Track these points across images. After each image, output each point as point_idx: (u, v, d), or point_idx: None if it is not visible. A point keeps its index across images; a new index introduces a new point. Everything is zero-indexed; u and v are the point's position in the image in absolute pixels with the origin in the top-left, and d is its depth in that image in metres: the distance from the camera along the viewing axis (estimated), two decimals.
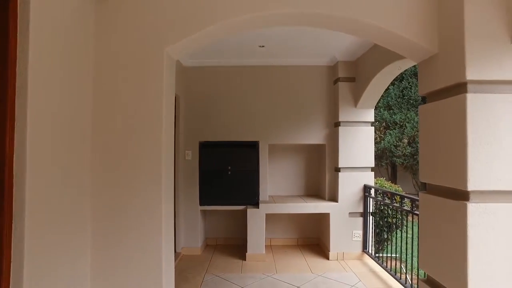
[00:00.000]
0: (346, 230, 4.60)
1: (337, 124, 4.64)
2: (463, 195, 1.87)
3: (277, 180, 5.35)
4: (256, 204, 4.72)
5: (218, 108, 4.85)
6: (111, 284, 2.14)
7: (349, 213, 4.60)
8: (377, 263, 4.28)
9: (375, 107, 12.20)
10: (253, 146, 4.87)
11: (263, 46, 4.24)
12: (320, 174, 5.21)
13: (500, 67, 1.83)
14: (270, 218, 5.08)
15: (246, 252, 4.61)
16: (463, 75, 1.83)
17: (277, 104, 4.86)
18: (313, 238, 5.33)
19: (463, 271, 1.82)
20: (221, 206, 4.84)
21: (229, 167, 4.84)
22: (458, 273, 1.85)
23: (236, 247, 5.16)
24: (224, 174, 4.84)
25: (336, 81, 4.70)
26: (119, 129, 2.15)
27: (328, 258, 4.61)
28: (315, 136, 4.86)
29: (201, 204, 4.81)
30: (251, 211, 4.61)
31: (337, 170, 4.62)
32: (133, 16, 2.17)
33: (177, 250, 4.65)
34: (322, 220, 5.05)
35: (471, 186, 1.80)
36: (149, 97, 2.15)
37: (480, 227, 1.80)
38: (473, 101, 1.82)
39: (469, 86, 1.84)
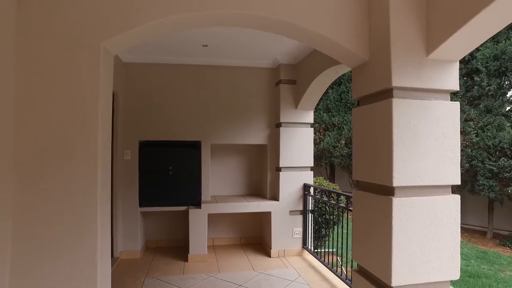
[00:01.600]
0: (287, 228, 4.76)
1: (279, 125, 4.78)
2: (389, 191, 2.05)
3: (219, 180, 5.34)
4: (198, 204, 4.67)
5: (160, 107, 4.71)
6: None
7: (290, 211, 4.77)
8: (316, 258, 4.49)
9: (315, 109, 12.84)
10: (195, 146, 4.81)
11: (206, 46, 4.21)
12: (262, 173, 5.32)
13: (418, 76, 2.05)
14: (213, 218, 5.07)
15: (188, 253, 4.54)
16: (389, 81, 2.02)
17: (220, 104, 4.86)
18: (256, 237, 5.42)
19: (388, 260, 1.99)
20: (162, 207, 4.70)
21: (171, 167, 4.73)
22: (384, 262, 2.03)
23: (178, 248, 5.05)
24: (165, 174, 4.71)
25: (278, 83, 4.84)
26: (49, 128, 1.99)
27: (270, 256, 4.72)
28: (257, 137, 4.96)
29: (141, 205, 4.63)
30: (193, 212, 4.56)
31: (278, 169, 4.76)
32: (65, 11, 2.02)
33: (115, 255, 4.42)
34: (264, 218, 5.17)
35: (396, 182, 1.99)
36: (84, 94, 2.02)
37: (402, 219, 2.00)
38: (398, 105, 2.01)
39: (394, 92, 2.03)
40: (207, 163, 4.83)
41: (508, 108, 9.83)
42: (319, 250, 4.83)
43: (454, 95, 8.28)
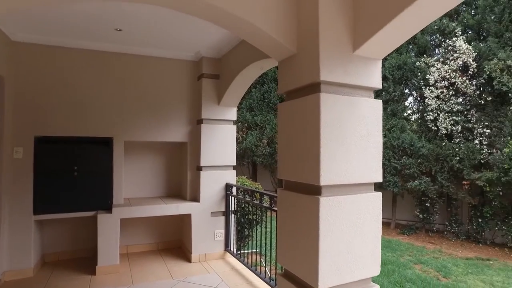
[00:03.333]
0: (208, 230, 4.52)
1: (200, 122, 4.50)
2: (316, 190, 1.96)
3: (134, 181, 4.84)
4: (109, 208, 4.14)
5: (62, 97, 4.04)
6: None
7: (211, 212, 4.53)
8: (239, 260, 4.34)
9: (238, 108, 12.80)
10: (106, 143, 4.26)
11: (120, 30, 3.73)
12: (181, 173, 4.98)
13: (345, 72, 2.00)
14: (126, 223, 4.56)
15: (96, 265, 3.98)
16: (317, 75, 1.93)
17: (136, 98, 4.39)
18: (175, 241, 5.05)
19: (315, 262, 1.91)
20: (64, 213, 4.05)
21: (76, 167, 4.10)
22: (311, 264, 1.94)
23: (84, 260, 4.42)
24: (69, 176, 4.07)
25: (200, 77, 4.56)
26: None
27: (190, 261, 4.42)
28: (177, 134, 4.61)
29: (37, 213, 3.90)
30: (102, 217, 4.01)
31: (199, 169, 4.48)
32: None
33: None
34: (184, 221, 4.83)
35: (323, 181, 1.91)
36: None
37: (329, 219, 1.92)
38: (325, 100, 1.93)
39: (322, 87, 1.95)
40: (120, 162, 4.31)
41: (409, 112, 11.03)
42: (242, 252, 4.68)
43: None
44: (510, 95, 8.76)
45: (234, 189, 4.50)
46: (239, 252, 4.68)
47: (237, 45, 3.99)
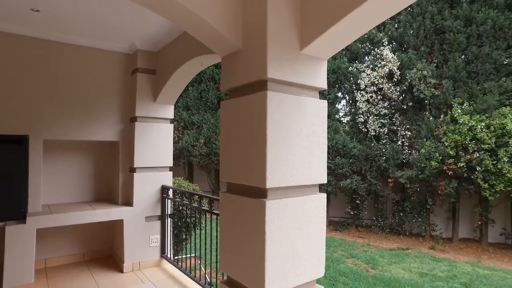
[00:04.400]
0: (143, 236, 4.19)
1: (134, 119, 4.16)
2: (262, 193, 1.87)
3: (56, 185, 4.29)
4: (22, 218, 3.59)
5: None
6: None
7: (146, 217, 4.21)
8: (176, 267, 4.09)
9: (174, 106, 12.32)
10: (20, 142, 3.69)
11: (38, 11, 3.25)
12: (113, 175, 4.55)
13: (292, 70, 1.94)
14: (45, 233, 4.02)
15: (1, 287, 3.42)
16: (264, 72, 1.83)
17: (60, 91, 3.89)
18: (105, 250, 4.60)
19: (261, 268, 1.81)
20: None
21: None
22: (257, 270, 1.84)
23: None
24: None
25: (134, 71, 4.21)
26: None
27: (122, 271, 4.04)
28: (108, 132, 4.19)
29: None
30: (12, 229, 3.46)
31: (133, 170, 4.13)
32: None
33: None
34: (115, 228, 4.42)
35: (269, 184, 1.82)
36: None
37: (275, 223, 1.85)
38: (272, 99, 1.85)
39: (269, 84, 1.87)
40: (37, 164, 3.78)
41: (341, 114, 11.65)
42: (179, 257, 4.44)
43: None
44: (426, 101, 9.74)
45: (170, 192, 4.24)
46: (176, 257, 4.42)
47: (176, 39, 3.76)
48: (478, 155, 8.43)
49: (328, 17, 1.78)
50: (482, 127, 8.47)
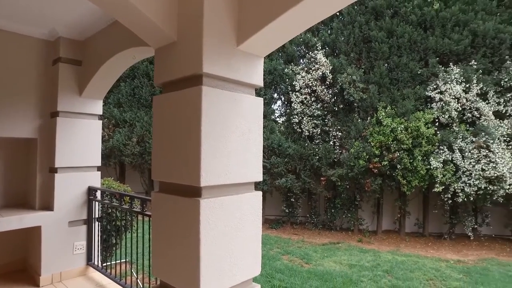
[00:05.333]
0: (66, 244, 3.80)
1: (55, 114, 3.75)
2: (196, 192, 1.80)
3: None
4: None
5: None
6: None
7: (69, 222, 3.82)
8: (105, 274, 3.78)
9: (104, 103, 11.52)
10: None
11: None
12: (29, 176, 4.05)
13: (228, 66, 1.90)
14: None
15: None
16: (200, 67, 1.77)
17: None
18: (16, 262, 4.06)
19: (196, 270, 1.74)
20: None
21: None
22: (191, 273, 1.77)
23: None
24: None
25: (56, 61, 3.80)
26: None
27: (38, 285, 3.61)
28: (23, 128, 3.72)
29: None
30: None
31: (53, 170, 3.73)
32: None
33: None
34: (30, 236, 3.94)
35: (204, 182, 1.76)
36: None
37: (211, 222, 1.79)
38: (207, 94, 1.79)
39: (204, 79, 1.80)
40: None
41: (277, 115, 11.95)
42: (109, 263, 4.13)
43: None
44: (355, 104, 10.45)
45: (98, 193, 3.92)
46: (105, 264, 4.10)
47: (106, 28, 3.47)
48: (398, 154, 9.28)
49: (265, 14, 1.77)
50: (401, 129, 9.35)
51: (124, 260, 3.98)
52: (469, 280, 7.09)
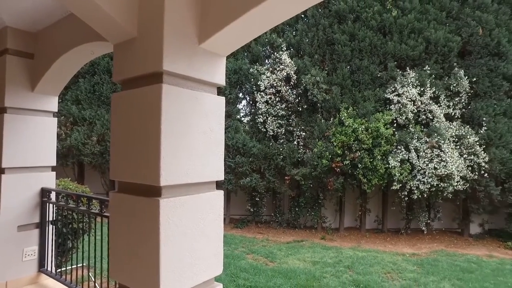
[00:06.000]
0: (13, 250, 3.54)
1: (2, 110, 3.49)
2: (156, 191, 1.76)
3: None
4: None
5: None
6: None
7: (19, 226, 3.58)
8: (59, 281, 3.58)
9: (61, 99, 10.93)
10: None
11: None
12: None
13: (189, 64, 1.88)
14: None
15: None
16: (160, 64, 1.73)
17: None
18: None
19: (155, 272, 1.70)
20: None
21: None
22: (151, 275, 1.73)
23: None
24: None
25: (3, 52, 3.54)
26: None
27: None
28: None
29: None
30: None
31: (1, 171, 3.47)
32: None
33: None
34: None
35: (163, 181, 1.73)
36: None
37: (171, 222, 1.76)
38: (168, 92, 1.76)
39: (165, 77, 1.77)
40: None
41: (242, 114, 11.97)
42: (64, 269, 3.92)
43: None
44: (318, 105, 10.71)
45: (53, 195, 3.71)
46: (60, 270, 3.89)
47: (62, 20, 3.29)
48: (359, 154, 9.63)
49: (227, 13, 1.77)
50: (362, 129, 9.71)
51: (81, 264, 3.80)
52: (422, 271, 7.53)
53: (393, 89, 10.20)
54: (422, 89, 9.98)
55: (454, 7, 10.60)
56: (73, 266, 3.88)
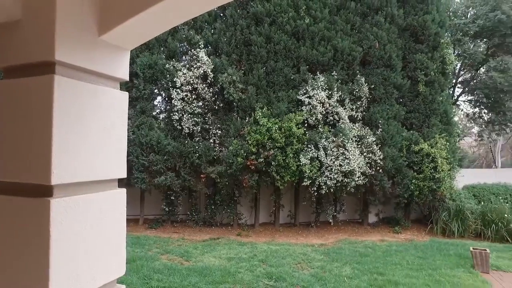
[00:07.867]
0: None
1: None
2: (46, 191, 1.61)
3: None
4: None
5: None
6: None
7: None
8: None
9: None
10: None
11: None
12: None
13: (87, 56, 1.76)
14: None
15: None
16: (51, 53, 1.59)
17: None
18: None
19: (45, 280, 1.56)
20: None
21: None
22: (40, 284, 1.58)
23: None
24: None
25: None
26: None
27: None
28: None
29: None
30: None
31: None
32: None
33: None
34: None
35: (55, 180, 1.59)
36: None
37: (64, 224, 1.63)
38: (61, 84, 1.62)
39: (57, 68, 1.63)
40: None
41: (157, 111, 11.54)
42: None
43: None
44: (234, 104, 10.92)
45: None
46: None
47: None
48: (273, 152, 10.11)
49: (131, 5, 1.71)
50: (276, 128, 10.21)
51: None
52: (328, 259, 8.27)
53: (304, 91, 10.93)
54: (330, 92, 10.90)
55: (357, 21, 11.84)
56: None
